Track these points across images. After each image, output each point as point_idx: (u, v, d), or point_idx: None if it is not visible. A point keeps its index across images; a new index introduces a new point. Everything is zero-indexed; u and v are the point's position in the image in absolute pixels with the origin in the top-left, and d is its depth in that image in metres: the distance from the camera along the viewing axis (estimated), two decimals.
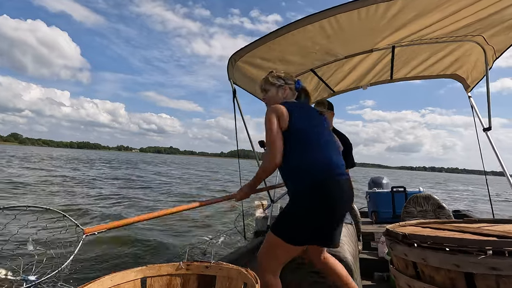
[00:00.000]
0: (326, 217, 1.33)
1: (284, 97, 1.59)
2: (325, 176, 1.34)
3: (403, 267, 1.21)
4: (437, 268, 1.04)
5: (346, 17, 1.93)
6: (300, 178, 1.35)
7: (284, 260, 1.39)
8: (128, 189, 12.48)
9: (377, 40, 2.38)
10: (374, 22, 2.02)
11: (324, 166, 1.36)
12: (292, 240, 1.33)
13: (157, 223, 6.74)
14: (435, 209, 2.99)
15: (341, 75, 3.17)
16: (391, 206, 3.94)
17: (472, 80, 2.90)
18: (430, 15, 1.98)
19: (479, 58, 2.56)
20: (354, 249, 1.97)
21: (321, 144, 1.43)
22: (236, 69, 2.50)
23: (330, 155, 1.41)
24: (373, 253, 2.80)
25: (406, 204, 3.14)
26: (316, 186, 1.31)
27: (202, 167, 44.53)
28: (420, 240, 1.11)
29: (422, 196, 3.08)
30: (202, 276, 1.09)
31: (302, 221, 1.32)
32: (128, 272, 1.05)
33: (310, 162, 1.36)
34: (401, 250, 1.17)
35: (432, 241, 1.06)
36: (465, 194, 21.96)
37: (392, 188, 4.06)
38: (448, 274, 1.02)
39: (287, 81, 1.61)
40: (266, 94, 1.62)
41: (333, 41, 2.30)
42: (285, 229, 1.35)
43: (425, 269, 1.09)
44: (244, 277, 1.03)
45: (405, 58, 2.88)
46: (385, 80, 3.33)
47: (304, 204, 1.32)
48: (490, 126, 2.42)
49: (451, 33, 2.28)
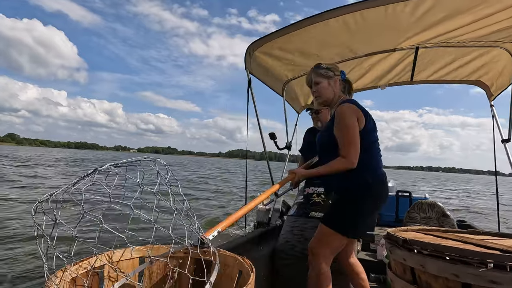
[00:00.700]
0: (377, 211, 1.56)
1: (335, 89, 1.61)
2: (381, 175, 1.52)
3: (401, 271, 1.20)
4: (435, 276, 1.03)
5: (372, 13, 1.86)
6: (365, 176, 1.46)
7: (337, 250, 1.51)
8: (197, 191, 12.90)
9: (401, 39, 2.30)
10: (400, 20, 1.95)
11: (380, 165, 1.55)
12: (348, 233, 1.46)
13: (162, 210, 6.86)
14: (439, 217, 2.94)
15: (359, 73, 3.09)
16: (394, 210, 3.90)
17: (497, 88, 2.78)
18: (460, 17, 1.88)
19: (506, 66, 2.45)
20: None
21: (377, 145, 1.57)
22: (253, 59, 2.47)
23: (379, 156, 1.58)
24: (371, 254, 2.80)
25: (410, 209, 3.10)
26: (378, 183, 1.49)
27: (215, 168, 44.47)
28: (420, 246, 1.10)
29: (427, 202, 3.03)
30: (199, 261, 1.11)
31: (364, 215, 1.47)
32: (127, 250, 1.08)
33: (375, 161, 1.52)
34: (400, 255, 1.16)
35: (432, 249, 1.05)
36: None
37: (397, 192, 4.00)
38: (445, 283, 1.01)
39: (336, 72, 1.61)
40: (317, 86, 1.60)
41: (355, 37, 2.23)
42: (344, 222, 1.46)
43: (423, 275, 1.08)
44: (240, 265, 1.05)
45: (428, 60, 2.78)
46: (404, 81, 3.22)
47: (367, 200, 1.46)
48: (510, 138, 2.33)
49: (480, 38, 2.18)
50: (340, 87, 1.63)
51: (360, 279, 1.63)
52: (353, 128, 1.40)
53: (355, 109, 1.44)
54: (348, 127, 1.40)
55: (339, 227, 1.44)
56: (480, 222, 9.58)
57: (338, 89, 1.60)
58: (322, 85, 1.57)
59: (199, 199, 10.55)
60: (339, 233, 1.44)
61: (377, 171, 1.51)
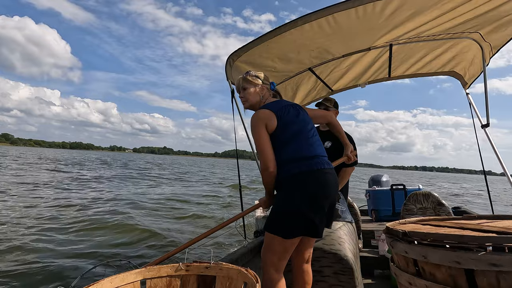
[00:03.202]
0: (310, 204, 1.37)
1: (262, 95, 1.65)
2: (311, 166, 1.42)
3: (404, 264, 1.20)
4: (437, 265, 1.04)
5: (344, 15, 1.93)
6: (287, 169, 1.42)
7: (282, 254, 1.41)
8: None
9: (375, 38, 2.38)
10: (372, 20, 2.02)
11: (302, 155, 1.45)
12: (278, 233, 1.37)
13: (157, 225, 6.77)
14: (435, 206, 2.99)
15: (339, 73, 3.17)
16: (391, 204, 3.95)
17: (470, 77, 2.90)
18: (427, 13, 1.98)
19: (476, 55, 2.57)
20: (354, 247, 1.97)
21: (308, 137, 1.52)
22: (235, 69, 2.50)
23: (314, 146, 1.51)
24: (373, 251, 2.80)
25: (405, 201, 3.14)
26: (295, 176, 1.40)
27: (223, 168, 44.40)
28: (420, 237, 1.11)
29: (421, 193, 3.09)
30: (202, 277, 1.08)
31: (288, 212, 1.37)
32: (127, 274, 1.05)
33: (292, 155, 1.45)
34: (401, 248, 1.17)
35: (432, 238, 1.06)
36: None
37: (392, 186, 4.06)
38: (448, 271, 1.02)
39: (264, 81, 1.67)
40: (245, 91, 1.66)
41: (331, 39, 2.30)
42: (273, 223, 1.40)
43: (426, 266, 1.09)
44: (244, 277, 1.03)
45: (403, 56, 2.89)
46: (383, 78, 3.33)
47: (287, 196, 1.39)
48: (488, 123, 2.42)
49: (448, 30, 2.29)
50: (268, 95, 1.68)
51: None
52: (258, 137, 1.45)
53: (264, 116, 1.47)
54: (256, 138, 1.46)
55: (270, 228, 1.41)
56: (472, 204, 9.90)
57: (266, 96, 1.66)
58: (249, 91, 1.64)
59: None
60: (273, 234, 1.39)
61: (296, 163, 1.43)
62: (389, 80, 3.34)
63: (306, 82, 3.23)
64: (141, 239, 5.45)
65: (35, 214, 6.80)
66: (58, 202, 8.38)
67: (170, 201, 9.89)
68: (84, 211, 7.46)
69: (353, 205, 2.86)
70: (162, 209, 8.47)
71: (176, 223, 7.10)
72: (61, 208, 7.77)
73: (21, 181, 12.50)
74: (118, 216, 6.90)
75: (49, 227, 5.87)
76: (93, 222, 6.37)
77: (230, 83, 2.62)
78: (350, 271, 1.68)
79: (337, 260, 1.70)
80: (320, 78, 3.16)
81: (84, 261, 4.26)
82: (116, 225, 6.20)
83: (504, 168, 2.25)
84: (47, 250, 4.62)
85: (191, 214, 7.89)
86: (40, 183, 12.30)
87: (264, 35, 2.15)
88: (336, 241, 1.80)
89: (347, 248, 1.79)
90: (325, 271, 1.72)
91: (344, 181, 2.34)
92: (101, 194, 10.67)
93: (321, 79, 3.18)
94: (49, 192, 10.27)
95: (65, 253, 4.52)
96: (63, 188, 11.40)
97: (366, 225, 3.49)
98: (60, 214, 7.00)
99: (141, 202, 9.27)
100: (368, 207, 4.36)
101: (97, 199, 9.35)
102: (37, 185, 11.69)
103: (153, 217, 7.46)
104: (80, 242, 5.10)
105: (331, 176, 1.46)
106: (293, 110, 1.57)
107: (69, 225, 6.12)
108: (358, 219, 2.97)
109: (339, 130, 1.88)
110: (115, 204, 8.58)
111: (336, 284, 1.69)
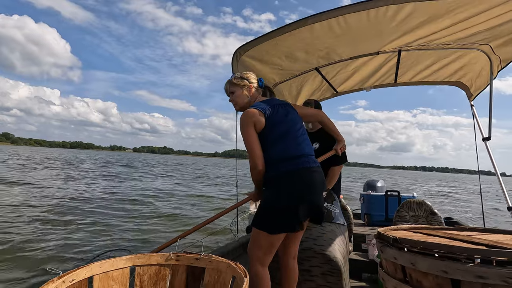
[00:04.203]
0: (295, 201, 1.41)
1: (250, 95, 1.66)
2: (297, 165, 1.46)
3: (392, 270, 1.22)
4: (425, 273, 1.05)
5: (355, 17, 1.90)
6: (275, 168, 1.46)
7: (267, 249, 1.45)
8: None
9: (384, 42, 2.36)
10: (383, 24, 2.00)
11: (290, 154, 1.48)
12: (264, 228, 1.42)
13: (152, 218, 6.94)
14: (428, 215, 3.01)
15: (345, 75, 3.15)
16: (384, 210, 3.96)
17: (476, 89, 2.89)
18: (439, 21, 1.96)
19: (484, 67, 2.55)
20: (344, 249, 1.99)
21: (296, 136, 1.55)
22: (241, 63, 2.48)
23: (302, 146, 1.54)
24: (363, 254, 2.83)
25: (399, 208, 3.16)
26: (282, 175, 1.44)
27: (230, 168, 44.78)
28: (410, 244, 1.12)
29: (415, 201, 3.10)
30: (191, 268, 1.09)
31: (275, 209, 1.42)
32: (117, 260, 1.06)
33: (280, 154, 1.48)
34: (391, 254, 1.18)
35: (422, 246, 1.07)
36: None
37: (386, 192, 4.07)
38: (435, 280, 1.03)
39: (250, 80, 1.68)
40: (233, 95, 1.68)
41: (340, 41, 2.28)
42: (259, 219, 1.45)
43: (414, 273, 1.10)
44: (233, 271, 1.04)
45: (410, 63, 2.87)
46: (389, 83, 3.31)
47: (274, 194, 1.44)
48: (490, 136, 2.42)
49: (458, 40, 2.27)
50: (258, 94, 1.70)
51: (289, 285, 1.61)
52: (247, 136, 1.49)
53: (252, 115, 1.50)
54: (245, 138, 1.50)
55: (256, 223, 1.46)
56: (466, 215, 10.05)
57: (254, 96, 1.68)
58: (236, 94, 1.66)
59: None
60: (259, 229, 1.44)
61: (283, 162, 1.47)
62: (395, 85, 3.32)
63: (311, 82, 3.21)
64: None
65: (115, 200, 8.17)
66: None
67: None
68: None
69: (347, 208, 2.87)
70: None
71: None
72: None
73: (62, 177, 14.22)
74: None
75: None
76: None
77: None
78: (339, 272, 1.70)
79: (326, 261, 1.71)
80: (326, 79, 3.15)
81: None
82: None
83: (500, 181, 2.26)
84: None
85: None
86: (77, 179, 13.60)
87: (273, 31, 2.13)
88: (327, 242, 1.82)
89: (337, 250, 1.81)
90: (314, 271, 1.73)
91: (333, 180, 2.32)
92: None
93: (327, 80, 3.17)
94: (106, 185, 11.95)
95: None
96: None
97: (358, 228, 3.52)
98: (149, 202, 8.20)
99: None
100: (361, 211, 4.38)
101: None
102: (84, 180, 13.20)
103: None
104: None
105: (317, 174, 1.50)
106: (282, 109, 1.59)
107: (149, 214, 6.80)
108: (350, 222, 2.99)
109: (331, 128, 1.90)
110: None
111: (323, 285, 1.71)
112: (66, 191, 10.08)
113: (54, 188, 10.62)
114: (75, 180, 13.67)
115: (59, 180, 13.28)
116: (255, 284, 1.42)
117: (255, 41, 2.25)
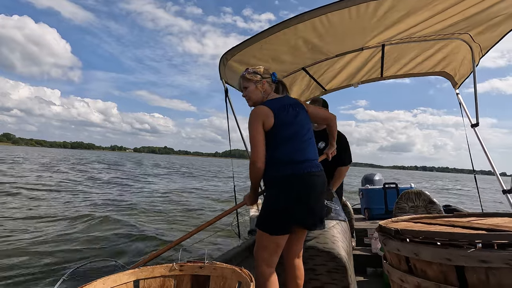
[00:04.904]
0: (295, 204, 1.43)
1: (264, 91, 1.65)
2: (300, 170, 1.46)
3: (396, 262, 1.22)
4: (429, 262, 1.06)
5: (337, 15, 1.94)
6: (278, 169, 1.46)
7: (273, 250, 1.45)
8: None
9: (367, 38, 2.40)
10: (364, 21, 2.04)
11: (296, 158, 1.48)
12: (267, 230, 1.43)
13: (151, 224, 6.79)
14: (426, 205, 3.04)
15: (332, 73, 3.19)
16: (384, 202, 3.99)
17: (460, 77, 2.95)
18: (418, 14, 2.00)
19: (466, 55, 2.61)
20: (348, 245, 1.98)
21: (303, 140, 1.54)
22: (228, 68, 2.49)
23: (308, 150, 1.54)
24: (366, 249, 2.83)
25: (398, 200, 3.18)
26: (288, 176, 1.44)
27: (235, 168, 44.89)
28: (412, 235, 1.12)
29: (413, 192, 3.13)
30: (196, 277, 1.07)
31: (278, 210, 1.42)
32: (121, 275, 1.03)
33: (287, 155, 1.48)
34: (394, 246, 1.18)
35: (424, 236, 1.08)
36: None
37: (384, 185, 4.11)
38: (440, 268, 1.03)
39: (264, 75, 1.67)
40: (246, 90, 1.67)
41: (324, 39, 2.31)
42: (262, 221, 1.46)
43: (418, 263, 1.10)
44: (239, 276, 1.03)
45: (395, 56, 2.92)
46: (375, 78, 3.36)
47: (277, 195, 1.44)
48: (478, 122, 2.47)
49: (439, 31, 2.32)
50: (271, 89, 1.69)
51: (295, 284, 1.60)
52: (254, 132, 1.49)
53: (262, 112, 1.50)
54: (251, 133, 1.50)
55: (260, 225, 1.47)
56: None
57: (267, 91, 1.67)
58: (249, 89, 1.65)
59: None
60: (262, 231, 1.45)
61: (286, 165, 1.47)
62: (382, 80, 3.37)
63: (299, 82, 3.24)
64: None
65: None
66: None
67: None
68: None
69: (347, 204, 2.89)
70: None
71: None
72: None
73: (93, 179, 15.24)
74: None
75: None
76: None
77: (223, 82, 2.61)
78: (344, 269, 1.69)
79: (330, 259, 1.71)
80: (314, 78, 3.18)
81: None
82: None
83: (492, 165, 2.29)
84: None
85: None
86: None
87: (257, 34, 2.15)
88: (330, 240, 1.81)
89: (340, 247, 1.80)
90: (319, 269, 1.73)
91: (340, 180, 2.36)
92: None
93: (314, 79, 3.20)
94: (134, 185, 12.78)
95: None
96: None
97: (359, 223, 3.53)
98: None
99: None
100: (361, 206, 4.40)
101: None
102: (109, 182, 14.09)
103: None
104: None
105: (318, 178, 1.51)
106: (292, 110, 1.58)
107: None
108: (351, 218, 3.00)
109: (332, 132, 1.91)
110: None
111: (329, 282, 1.70)
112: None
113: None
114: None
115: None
116: (262, 285, 1.41)
117: (241, 46, 2.26)
